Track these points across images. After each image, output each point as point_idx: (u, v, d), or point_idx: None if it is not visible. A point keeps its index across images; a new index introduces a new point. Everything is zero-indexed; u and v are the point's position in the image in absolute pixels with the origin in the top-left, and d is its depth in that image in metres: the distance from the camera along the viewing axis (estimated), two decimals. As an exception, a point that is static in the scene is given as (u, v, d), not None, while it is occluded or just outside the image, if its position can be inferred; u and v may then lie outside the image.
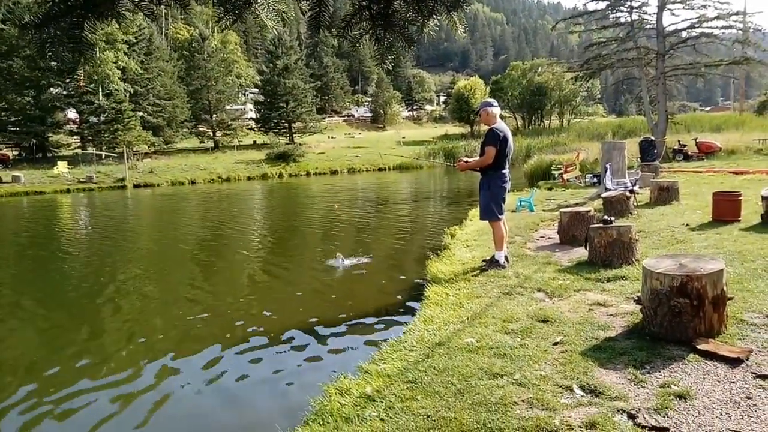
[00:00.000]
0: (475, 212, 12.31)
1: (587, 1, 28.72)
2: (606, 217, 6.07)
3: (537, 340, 3.97)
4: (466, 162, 6.56)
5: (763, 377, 3.10)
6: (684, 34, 23.43)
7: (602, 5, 24.67)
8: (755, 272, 5.16)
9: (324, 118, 65.46)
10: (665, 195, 10.42)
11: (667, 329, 3.69)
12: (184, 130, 48.48)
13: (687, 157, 20.98)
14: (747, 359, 3.32)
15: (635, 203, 9.94)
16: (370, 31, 2.32)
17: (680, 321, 3.63)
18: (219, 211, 19.56)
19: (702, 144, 21.69)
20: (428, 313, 4.90)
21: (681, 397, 2.99)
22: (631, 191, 10.02)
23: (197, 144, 49.56)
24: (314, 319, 6.14)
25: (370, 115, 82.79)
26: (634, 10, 23.95)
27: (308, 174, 36.82)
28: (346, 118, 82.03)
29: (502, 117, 6.82)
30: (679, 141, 22.60)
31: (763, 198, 7.75)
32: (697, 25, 22.55)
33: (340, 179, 33.21)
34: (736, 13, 22.17)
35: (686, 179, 14.36)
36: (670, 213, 9.33)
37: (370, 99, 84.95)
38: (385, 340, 4.70)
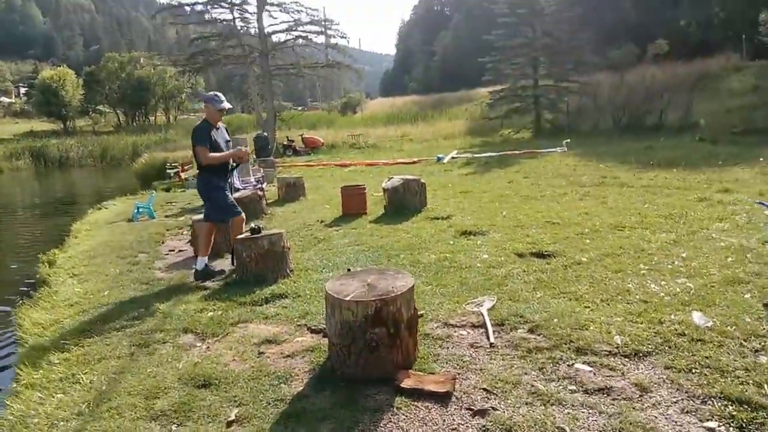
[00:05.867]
0: (80, 226, 10.00)
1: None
2: (254, 225, 5.17)
3: (203, 422, 2.75)
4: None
5: (481, 413, 2.63)
6: (283, 36, 24.63)
7: (201, 0, 24.01)
8: (405, 268, 5.02)
9: None
10: (293, 191, 10.29)
11: (364, 368, 2.97)
12: None
13: (296, 152, 22.20)
14: (454, 389, 2.85)
15: (266, 202, 9.44)
16: None
17: (378, 356, 2.96)
18: None
19: (308, 140, 23.33)
20: (21, 409, 3.10)
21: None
22: (261, 189, 9.48)
23: None
24: None
25: None
26: (236, 8, 24.02)
27: None
28: None
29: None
30: (287, 137, 23.80)
31: (384, 190, 8.14)
32: (294, 29, 23.93)
33: None
34: (325, 20, 24.41)
35: (302, 173, 14.83)
36: (302, 209, 9.14)
37: None
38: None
